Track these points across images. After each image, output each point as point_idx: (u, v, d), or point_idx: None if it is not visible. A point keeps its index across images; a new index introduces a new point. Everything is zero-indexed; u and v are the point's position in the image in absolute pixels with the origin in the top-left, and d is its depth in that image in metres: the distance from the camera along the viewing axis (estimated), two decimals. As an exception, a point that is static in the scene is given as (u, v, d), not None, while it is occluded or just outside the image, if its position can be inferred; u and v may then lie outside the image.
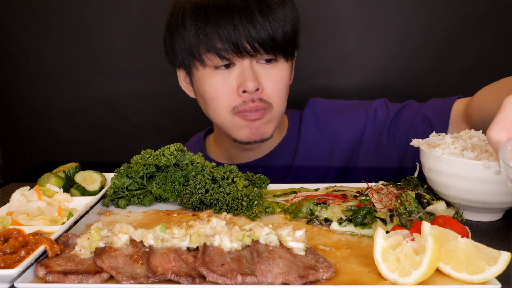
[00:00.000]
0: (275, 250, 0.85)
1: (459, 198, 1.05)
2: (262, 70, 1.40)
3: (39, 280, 0.80)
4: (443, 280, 0.79)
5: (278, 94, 1.43)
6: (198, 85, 1.45)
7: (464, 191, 1.03)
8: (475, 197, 1.02)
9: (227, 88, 1.39)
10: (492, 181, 0.98)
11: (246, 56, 1.35)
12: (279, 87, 1.42)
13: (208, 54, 1.36)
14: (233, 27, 1.31)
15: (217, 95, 1.41)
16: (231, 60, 1.37)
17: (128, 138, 2.28)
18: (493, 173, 0.97)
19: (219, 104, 1.42)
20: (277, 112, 1.45)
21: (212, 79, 1.40)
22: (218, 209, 1.13)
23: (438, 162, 1.05)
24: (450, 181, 1.04)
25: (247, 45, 1.33)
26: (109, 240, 0.89)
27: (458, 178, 1.02)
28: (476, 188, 1.01)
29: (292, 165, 1.61)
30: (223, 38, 1.32)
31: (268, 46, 1.35)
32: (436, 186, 1.09)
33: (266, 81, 1.40)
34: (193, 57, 1.40)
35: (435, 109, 1.45)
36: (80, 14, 2.16)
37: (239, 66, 1.38)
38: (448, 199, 1.08)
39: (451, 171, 1.03)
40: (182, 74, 1.54)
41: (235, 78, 1.39)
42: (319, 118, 1.62)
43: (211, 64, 1.38)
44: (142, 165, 1.19)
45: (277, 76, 1.41)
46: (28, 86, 2.26)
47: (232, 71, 1.39)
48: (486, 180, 0.98)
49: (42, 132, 2.31)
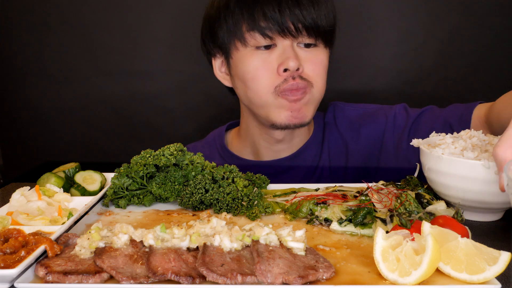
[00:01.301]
0: (275, 250, 0.85)
1: (459, 198, 1.05)
2: (303, 52, 1.42)
3: (39, 280, 0.80)
4: (443, 280, 0.79)
5: (318, 74, 1.45)
6: (237, 66, 1.45)
7: (464, 191, 1.03)
8: (475, 197, 1.02)
9: (268, 68, 1.40)
10: (492, 181, 0.98)
11: (289, 37, 1.37)
12: (320, 68, 1.45)
13: (252, 32, 1.38)
14: (278, 6, 1.34)
15: (257, 75, 1.41)
16: (273, 40, 1.38)
17: (128, 138, 2.28)
18: (493, 173, 0.97)
19: (260, 84, 1.42)
20: (317, 92, 1.46)
21: (253, 58, 1.41)
22: (218, 209, 1.13)
23: (438, 162, 1.05)
24: (450, 181, 1.04)
25: (291, 25, 1.35)
26: (109, 240, 0.89)
27: (458, 178, 1.02)
28: (476, 188, 1.01)
29: (317, 167, 1.62)
30: (268, 17, 1.35)
31: (311, 28, 1.38)
32: (436, 186, 1.09)
33: (306, 63, 1.42)
34: (235, 37, 1.41)
35: (456, 114, 1.45)
36: (80, 14, 2.16)
37: (280, 47, 1.40)
38: (448, 199, 1.08)
39: (451, 171, 1.03)
40: (218, 62, 1.55)
41: (276, 58, 1.40)
42: (339, 123, 1.64)
43: (253, 44, 1.40)
44: (142, 165, 1.19)
45: (317, 58, 1.44)
46: (28, 86, 2.26)
47: (272, 52, 1.40)
48: (486, 180, 0.98)
49: (42, 132, 2.31)
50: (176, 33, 2.16)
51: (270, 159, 1.62)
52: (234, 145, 1.70)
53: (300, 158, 1.61)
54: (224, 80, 1.58)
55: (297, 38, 1.40)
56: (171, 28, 2.16)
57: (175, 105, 2.23)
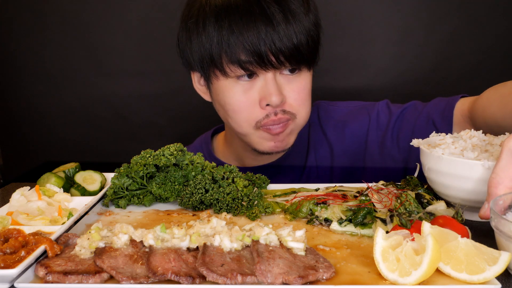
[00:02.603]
0: (275, 250, 0.85)
1: (459, 198, 1.05)
2: (286, 81, 1.36)
3: (39, 280, 0.80)
4: (443, 280, 0.79)
5: (302, 103, 1.39)
6: (218, 95, 1.40)
7: (464, 191, 1.03)
8: (475, 197, 1.02)
9: (250, 101, 1.35)
10: None
11: (270, 68, 1.31)
12: (302, 96, 1.39)
13: (231, 65, 1.30)
14: (257, 38, 1.26)
15: (239, 108, 1.36)
16: (254, 72, 1.32)
17: (128, 138, 2.28)
18: None
19: (241, 117, 1.38)
20: (300, 121, 1.42)
21: (234, 91, 1.35)
22: (218, 209, 1.13)
23: (438, 162, 1.05)
24: (450, 181, 1.04)
25: (272, 57, 1.28)
26: (109, 240, 0.89)
27: (458, 178, 1.02)
28: (476, 188, 1.01)
29: (305, 167, 1.60)
30: (248, 51, 1.27)
31: (293, 57, 1.30)
32: (436, 186, 1.09)
33: (289, 92, 1.36)
34: (214, 66, 1.34)
35: (438, 110, 1.43)
36: (80, 14, 2.16)
37: (262, 78, 1.33)
38: (448, 199, 1.08)
39: (451, 171, 1.03)
40: (196, 76, 1.48)
41: (258, 90, 1.34)
42: (323, 123, 1.61)
43: (234, 75, 1.33)
44: (142, 165, 1.19)
45: (300, 86, 1.38)
46: (28, 86, 2.26)
47: (254, 83, 1.34)
48: (486, 180, 0.98)
49: (42, 132, 2.31)
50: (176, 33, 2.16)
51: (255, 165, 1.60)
52: (220, 150, 1.68)
53: (286, 162, 1.60)
54: (204, 95, 1.50)
55: (279, 69, 1.33)
56: (171, 28, 2.15)
57: (175, 105, 2.23)
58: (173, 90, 2.22)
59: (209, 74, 1.38)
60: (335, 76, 2.14)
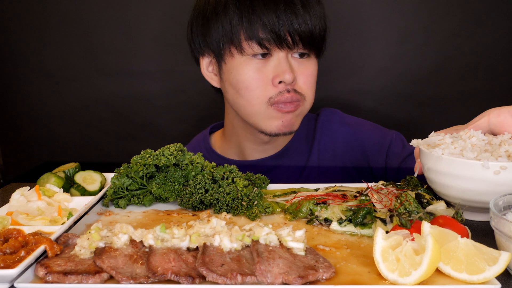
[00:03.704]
0: (275, 250, 0.85)
1: (459, 198, 1.05)
2: (296, 64, 1.43)
3: (39, 280, 0.80)
4: (443, 280, 0.79)
5: (310, 87, 1.47)
6: (231, 73, 1.43)
7: (464, 191, 1.03)
8: (475, 197, 1.02)
9: (263, 78, 1.40)
10: (492, 181, 0.98)
11: (285, 48, 1.38)
12: (310, 80, 1.46)
13: (249, 41, 1.37)
14: (277, 17, 1.34)
15: (252, 85, 1.41)
16: (270, 50, 1.39)
17: (128, 138, 2.28)
18: (492, 173, 0.97)
19: (253, 94, 1.42)
20: (308, 105, 1.49)
21: (249, 68, 1.40)
22: (218, 209, 1.13)
23: (438, 162, 1.05)
24: (450, 181, 1.04)
25: (288, 36, 1.36)
26: (109, 240, 0.89)
27: (458, 178, 1.02)
28: (476, 188, 1.01)
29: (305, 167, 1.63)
30: (267, 27, 1.34)
31: (306, 40, 1.39)
32: (436, 186, 1.09)
33: (299, 75, 1.43)
34: (231, 44, 1.39)
35: None
36: (80, 14, 2.16)
37: (276, 57, 1.40)
38: (448, 199, 1.08)
39: (450, 171, 1.03)
40: (205, 61, 1.52)
41: (271, 69, 1.40)
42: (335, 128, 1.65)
43: (250, 52, 1.38)
44: (142, 165, 1.19)
45: (309, 70, 1.45)
46: (28, 86, 2.26)
47: (268, 62, 1.40)
48: (485, 180, 0.98)
49: (42, 132, 2.31)
50: (176, 33, 2.16)
51: (255, 158, 1.62)
52: (218, 146, 1.70)
53: (285, 156, 1.62)
54: (212, 81, 1.55)
55: (293, 49, 1.40)
56: (171, 28, 2.16)
57: (175, 105, 2.23)
58: (173, 90, 2.22)
59: (223, 54, 1.43)
60: (335, 76, 2.14)
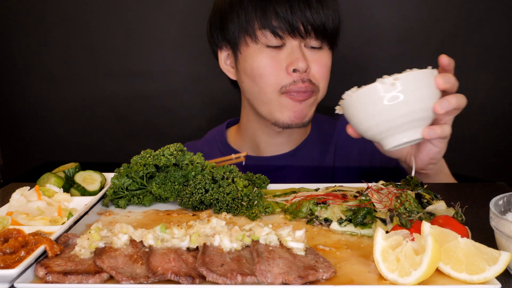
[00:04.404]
0: (275, 250, 0.85)
1: (377, 129, 1.05)
2: (310, 53, 1.45)
3: (39, 280, 0.80)
4: (443, 280, 0.79)
5: (323, 77, 1.49)
6: (246, 62, 1.48)
7: (376, 117, 1.03)
8: (388, 117, 1.02)
9: (277, 66, 1.43)
10: (393, 96, 1.01)
11: (298, 37, 1.41)
12: (324, 70, 1.49)
13: (263, 30, 1.41)
14: (290, 7, 1.37)
15: (266, 73, 1.44)
16: (283, 39, 1.42)
17: (128, 138, 2.28)
18: (390, 86, 1.00)
19: (267, 82, 1.44)
20: (320, 96, 1.52)
21: (262, 56, 1.43)
22: (218, 209, 1.13)
23: (351, 103, 1.06)
24: (364, 115, 1.05)
25: (301, 26, 1.39)
26: (109, 240, 0.89)
27: (367, 108, 1.03)
28: (384, 107, 1.01)
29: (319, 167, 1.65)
30: (280, 16, 1.38)
31: (319, 31, 1.42)
32: (359, 130, 1.10)
33: (312, 64, 1.45)
34: (246, 33, 1.44)
35: None
36: (80, 14, 2.15)
37: (289, 46, 1.43)
38: (372, 136, 1.08)
39: (361, 105, 1.03)
40: (224, 55, 1.58)
41: (285, 57, 1.43)
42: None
43: (263, 41, 1.42)
44: (142, 165, 1.19)
45: (322, 60, 1.47)
46: (28, 86, 2.26)
47: (282, 51, 1.43)
48: (389, 96, 1.00)
49: (42, 132, 2.31)
50: (176, 33, 2.16)
51: (270, 154, 1.64)
52: (233, 140, 1.73)
53: (300, 154, 1.64)
54: (229, 73, 1.60)
55: (305, 39, 1.43)
56: (171, 28, 2.16)
57: (175, 105, 2.23)
58: (173, 90, 2.22)
59: (239, 44, 1.48)
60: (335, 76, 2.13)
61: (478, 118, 2.15)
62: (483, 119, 2.15)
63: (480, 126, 2.16)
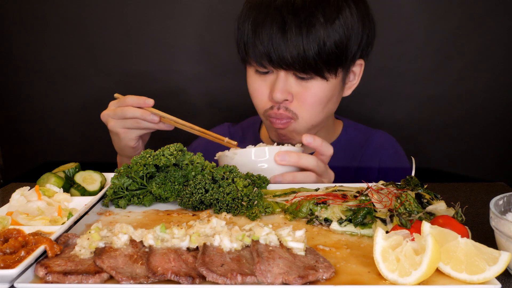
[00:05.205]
0: (275, 250, 0.85)
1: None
2: (296, 83, 1.42)
3: (39, 280, 0.80)
4: (443, 280, 0.79)
5: (306, 108, 1.44)
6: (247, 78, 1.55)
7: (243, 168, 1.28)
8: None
9: (262, 92, 1.48)
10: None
11: (280, 69, 1.40)
12: (309, 102, 1.43)
13: (250, 58, 1.44)
14: (269, 38, 1.36)
15: (254, 95, 1.52)
16: (268, 68, 1.43)
17: (128, 138, 2.27)
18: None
19: (256, 103, 1.53)
20: (303, 124, 1.47)
21: (252, 79, 1.50)
22: (218, 209, 1.13)
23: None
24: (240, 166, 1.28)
25: (279, 60, 1.37)
26: (109, 240, 0.89)
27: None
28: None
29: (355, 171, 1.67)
30: (260, 50, 1.39)
31: (297, 64, 1.36)
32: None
33: (296, 94, 1.43)
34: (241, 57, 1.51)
35: None
36: (80, 14, 2.16)
37: (276, 74, 1.44)
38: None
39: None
40: None
41: (269, 85, 1.46)
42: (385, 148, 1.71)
43: (254, 66, 1.47)
44: (142, 165, 1.19)
45: (308, 93, 1.42)
46: (28, 86, 2.26)
47: (268, 77, 1.46)
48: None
49: (42, 132, 2.31)
50: (176, 33, 2.16)
51: None
52: (263, 132, 1.76)
53: None
54: None
55: (289, 71, 1.40)
56: (171, 28, 2.16)
57: (175, 105, 2.23)
58: (173, 90, 2.22)
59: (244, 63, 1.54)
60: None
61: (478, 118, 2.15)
62: (483, 119, 2.15)
63: (480, 126, 2.16)
